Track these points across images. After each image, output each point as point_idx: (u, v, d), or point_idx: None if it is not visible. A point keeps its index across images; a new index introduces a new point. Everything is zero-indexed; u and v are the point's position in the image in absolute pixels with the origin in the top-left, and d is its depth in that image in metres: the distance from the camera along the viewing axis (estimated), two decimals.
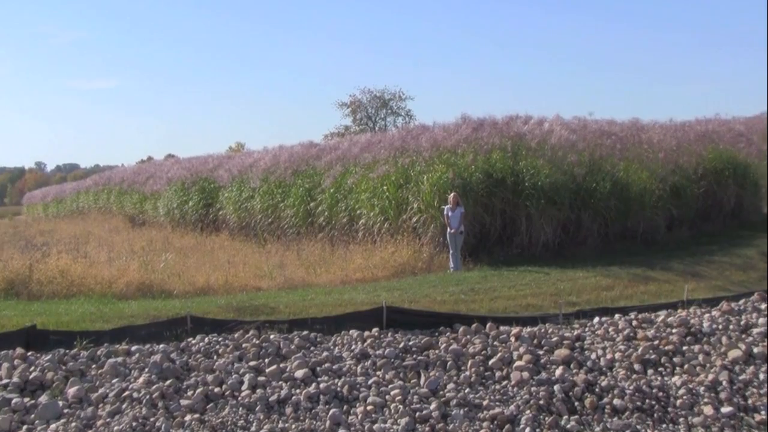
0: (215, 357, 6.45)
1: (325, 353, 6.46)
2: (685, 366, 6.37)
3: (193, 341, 6.70)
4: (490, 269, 10.39)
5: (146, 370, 6.12)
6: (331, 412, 5.58)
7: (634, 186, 12.32)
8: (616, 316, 7.46)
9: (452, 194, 10.73)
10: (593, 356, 6.54)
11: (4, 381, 5.94)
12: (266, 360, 6.34)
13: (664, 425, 5.62)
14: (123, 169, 32.41)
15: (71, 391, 5.81)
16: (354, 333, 6.89)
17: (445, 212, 10.72)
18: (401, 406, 5.67)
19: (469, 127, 13.31)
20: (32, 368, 6.12)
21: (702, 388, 6.01)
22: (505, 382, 6.09)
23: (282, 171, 16.13)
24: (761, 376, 6.10)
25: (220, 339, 6.75)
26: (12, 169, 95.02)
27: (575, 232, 11.91)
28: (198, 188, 19.68)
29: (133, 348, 6.52)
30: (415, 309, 7.54)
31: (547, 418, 5.59)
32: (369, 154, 14.14)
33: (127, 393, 5.80)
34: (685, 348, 6.66)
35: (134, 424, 5.39)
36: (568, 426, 5.53)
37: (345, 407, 5.71)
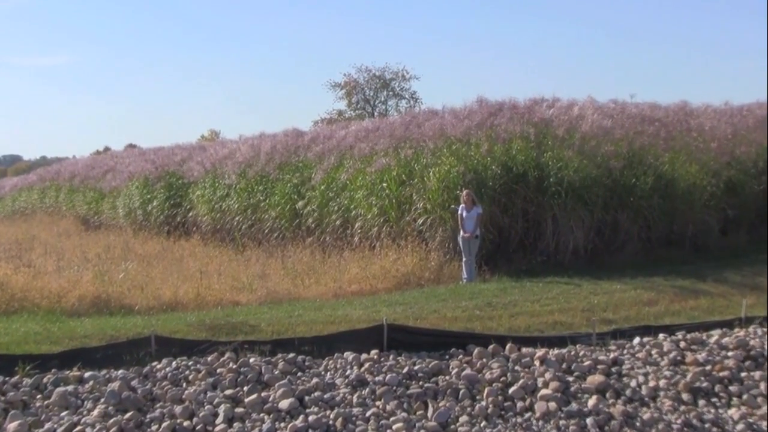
0: (185, 384, 6.44)
1: (314, 380, 6.45)
2: (744, 396, 6.35)
3: (159, 366, 6.70)
4: (510, 280, 10.40)
5: (102, 400, 6.11)
6: None
7: (681, 182, 12.33)
8: (661, 336, 7.45)
9: (465, 192, 10.75)
10: (633, 384, 6.52)
11: None
12: (245, 388, 6.33)
13: None
14: (74, 162, 32.45)
15: (11, 426, 5.79)
16: (349, 356, 6.89)
17: (458, 213, 10.74)
18: None
19: (485, 111, 13.34)
20: None
21: (764, 423, 5.99)
22: (528, 414, 6.07)
23: (264, 164, 16.17)
24: None
25: (190, 363, 6.74)
26: None
27: (611, 236, 11.92)
28: (164, 185, 19.68)
29: (87, 374, 6.51)
30: (422, 327, 7.53)
31: None
32: (366, 144, 14.18)
33: (79, 428, 5.79)
34: (743, 374, 6.65)
35: None
36: None
37: None
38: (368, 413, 6.01)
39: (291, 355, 6.86)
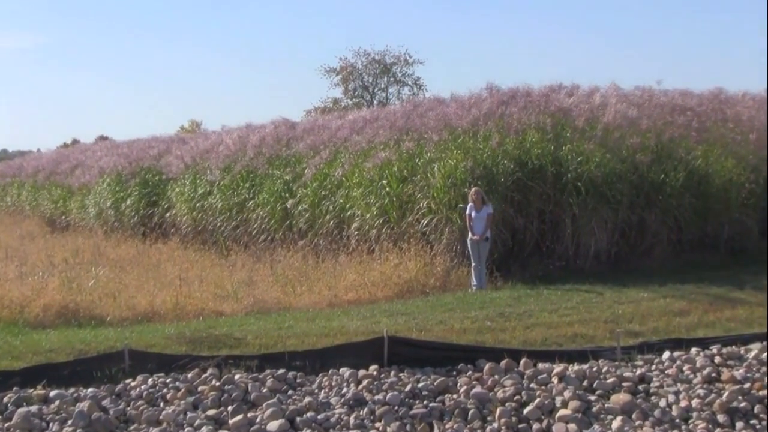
0: (162, 404, 6.43)
1: (307, 399, 6.44)
2: None
3: (133, 384, 6.68)
4: (525, 288, 10.41)
5: (70, 422, 6.09)
6: None
7: (716, 178, 12.35)
8: (693, 350, 7.43)
9: (474, 189, 10.76)
10: (662, 403, 6.50)
11: None
12: (229, 408, 6.31)
13: None
14: (38, 156, 32.57)
15: None
16: (345, 372, 6.87)
17: (467, 213, 10.74)
18: None
19: (495, 99, 13.36)
20: None
21: None
22: None
23: (251, 158, 16.18)
24: None
25: (168, 380, 6.72)
26: None
27: (637, 238, 11.94)
28: (139, 181, 19.69)
29: (53, 393, 6.49)
30: (426, 340, 7.52)
31: None
32: (363, 136, 14.20)
33: None
34: None
35: None
36: None
37: None
38: None
39: (281, 371, 6.84)
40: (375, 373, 6.84)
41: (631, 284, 10.32)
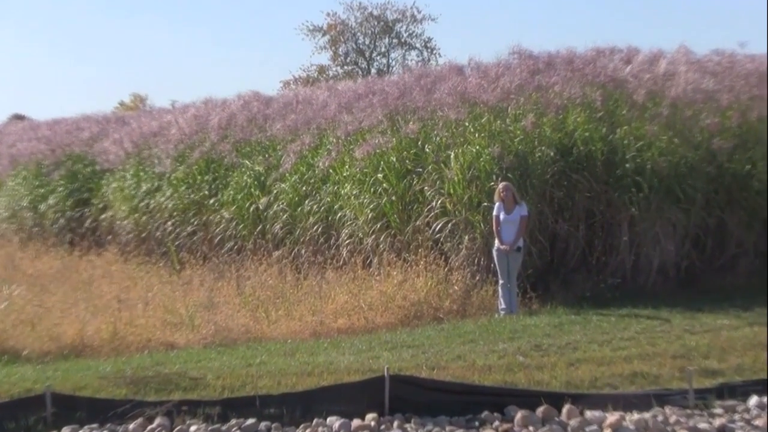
0: None
1: None
2: None
3: None
4: (568, 312, 10.41)
5: None
6: None
7: None
8: None
9: (503, 185, 10.76)
10: None
11: None
12: None
13: None
14: None
15: None
16: (335, 422, 6.86)
17: (494, 215, 10.76)
18: None
19: (527, 67, 13.35)
20: None
21: None
22: None
23: (212, 144, 16.20)
24: None
25: None
26: None
27: (715, 248, 11.96)
28: (65, 173, 19.71)
29: None
30: (440, 380, 7.51)
31: None
32: (356, 117, 14.23)
33: None
34: None
35: None
36: None
37: None
38: None
39: (250, 421, 6.81)
40: (373, 423, 6.82)
41: (707, 308, 10.31)
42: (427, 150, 12.54)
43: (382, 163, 12.79)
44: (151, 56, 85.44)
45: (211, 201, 15.42)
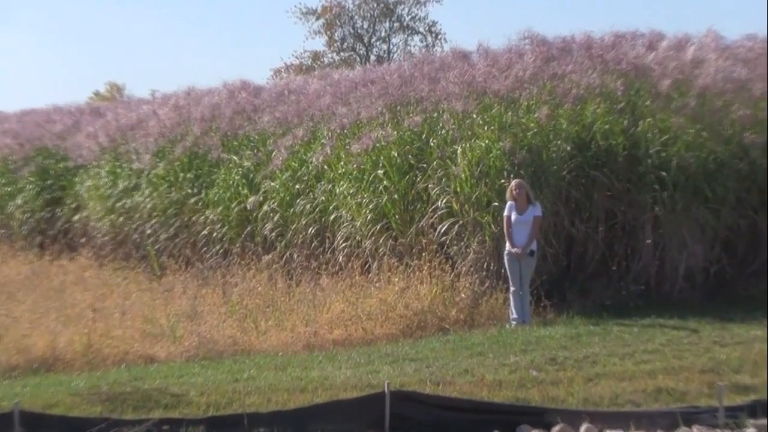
0: None
1: None
2: None
3: None
4: (586, 322, 10.40)
5: None
6: None
7: None
8: None
9: (515, 183, 10.75)
10: None
11: None
12: None
13: None
14: None
15: None
16: None
17: (504, 216, 10.76)
18: None
19: (541, 54, 13.35)
20: None
21: None
22: None
23: (196, 137, 16.20)
24: None
25: None
26: None
27: (747, 252, 11.94)
28: (35, 170, 19.75)
29: None
30: (446, 396, 7.51)
31: None
32: (352, 108, 14.21)
33: None
34: None
35: None
36: None
37: None
38: None
39: None
40: None
41: (738, 318, 10.27)
42: (432, 144, 12.54)
43: (381, 158, 12.79)
44: (129, 42, 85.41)
45: (195, 200, 15.41)
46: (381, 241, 12.34)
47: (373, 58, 37.28)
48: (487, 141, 11.84)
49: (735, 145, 11.94)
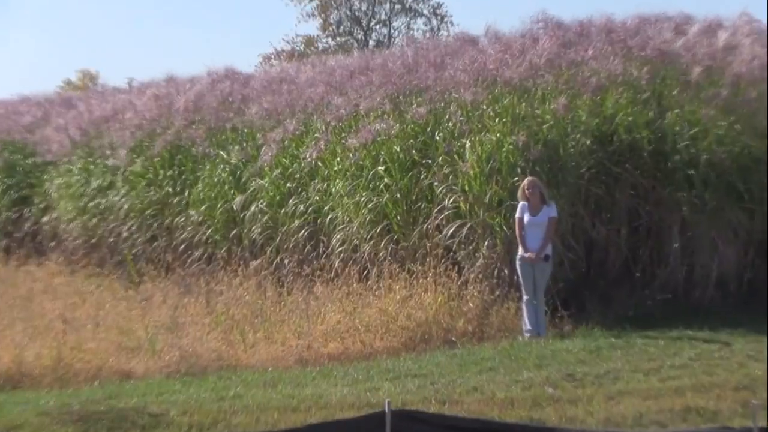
0: None
1: None
2: None
3: None
4: (607, 334, 10.40)
5: None
6: None
7: None
8: None
9: (529, 180, 10.74)
10: None
11: None
12: None
13: None
14: None
15: None
16: None
17: (517, 217, 10.76)
18: None
19: (556, 38, 13.34)
20: None
21: None
22: None
23: (177, 130, 16.20)
24: None
25: None
26: None
27: None
28: (2, 166, 19.80)
29: None
30: (452, 416, 7.48)
31: None
32: (349, 98, 14.21)
33: None
34: None
35: None
36: None
37: None
38: None
39: None
40: None
41: None
42: (438, 138, 12.55)
43: (382, 153, 12.80)
44: (103, 25, 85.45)
45: (176, 200, 15.42)
46: (381, 244, 12.33)
47: (372, 43, 37.35)
48: (498, 134, 11.84)
49: None
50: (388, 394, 7.92)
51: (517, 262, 10.75)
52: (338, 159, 13.32)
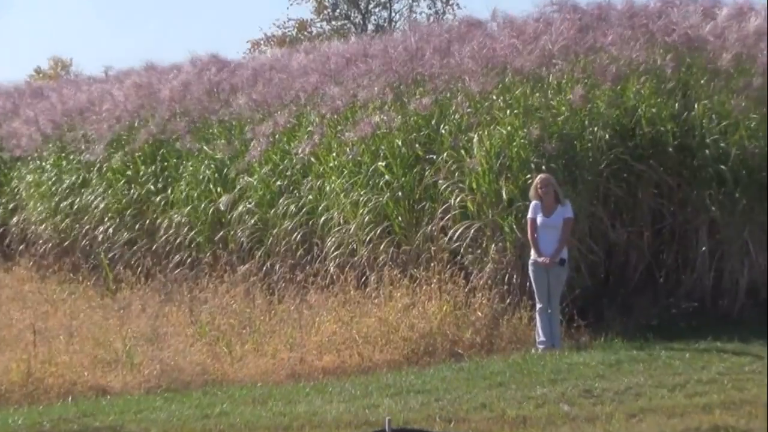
0: None
1: None
2: None
3: None
4: (627, 346, 10.40)
5: None
6: None
7: None
8: None
9: (542, 178, 10.72)
10: None
11: None
12: None
13: None
14: None
15: None
16: None
17: (529, 218, 10.73)
18: None
19: (572, 23, 13.29)
20: None
21: None
22: None
23: (158, 123, 16.16)
24: None
25: None
26: None
27: None
28: None
29: None
30: None
31: None
32: (345, 88, 14.18)
33: None
34: None
35: None
36: None
37: None
38: None
39: None
40: None
41: None
42: (443, 131, 12.55)
43: (382, 148, 12.79)
44: (76, 8, 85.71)
45: (158, 199, 15.39)
46: (381, 248, 12.31)
47: (371, 27, 37.34)
48: (509, 128, 11.85)
49: None
50: (389, 412, 7.88)
51: (530, 268, 10.73)
52: (334, 154, 13.32)
